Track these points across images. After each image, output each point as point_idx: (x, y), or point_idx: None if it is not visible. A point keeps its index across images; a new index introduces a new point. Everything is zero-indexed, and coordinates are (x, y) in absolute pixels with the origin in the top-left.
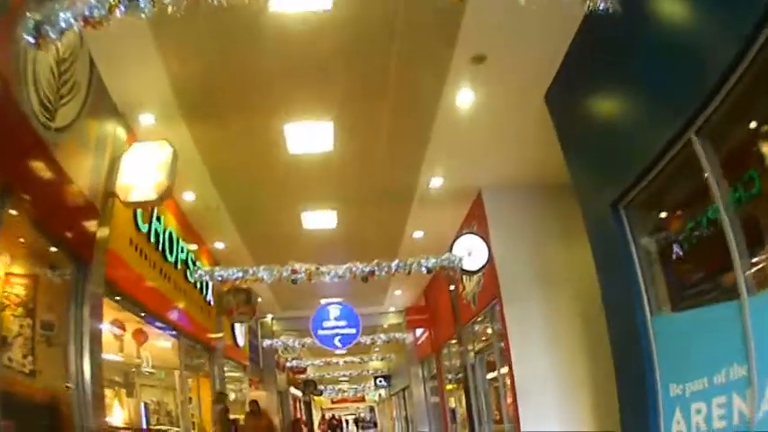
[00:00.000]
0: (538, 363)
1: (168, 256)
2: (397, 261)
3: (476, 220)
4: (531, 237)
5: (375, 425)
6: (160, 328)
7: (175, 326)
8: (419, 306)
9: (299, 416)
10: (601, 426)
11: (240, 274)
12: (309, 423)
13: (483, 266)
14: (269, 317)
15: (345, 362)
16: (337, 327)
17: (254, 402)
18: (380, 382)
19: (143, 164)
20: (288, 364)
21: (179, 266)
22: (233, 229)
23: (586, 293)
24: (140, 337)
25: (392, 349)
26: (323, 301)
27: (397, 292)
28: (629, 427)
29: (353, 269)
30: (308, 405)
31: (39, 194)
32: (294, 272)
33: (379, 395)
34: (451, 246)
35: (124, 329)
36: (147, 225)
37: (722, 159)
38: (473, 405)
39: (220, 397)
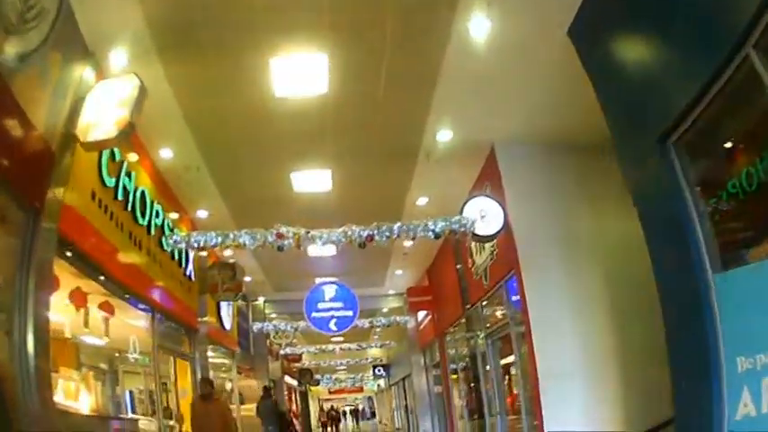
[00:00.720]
0: (563, 343)
1: (139, 218)
2: (399, 224)
3: (489, 182)
4: (551, 199)
5: (374, 415)
6: (129, 301)
7: (148, 300)
8: (422, 286)
9: (288, 406)
10: (638, 412)
11: (219, 240)
12: (306, 415)
13: (498, 232)
14: (260, 300)
15: (342, 349)
16: (333, 309)
17: (205, 382)
18: (379, 371)
19: (107, 101)
20: (281, 352)
21: (152, 232)
22: (216, 193)
23: (615, 262)
24: (107, 308)
25: (392, 336)
26: (317, 281)
27: (398, 272)
28: (684, 412)
29: (349, 233)
30: (303, 396)
31: None
32: (280, 236)
33: (378, 385)
34: (462, 209)
35: (85, 301)
36: (113, 179)
37: None
38: (483, 395)
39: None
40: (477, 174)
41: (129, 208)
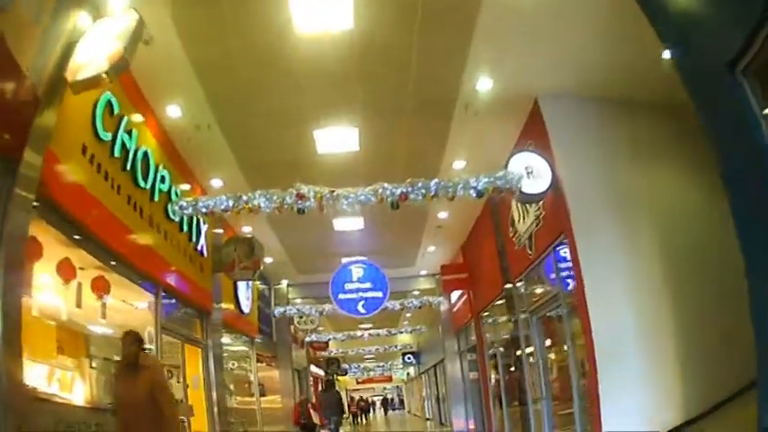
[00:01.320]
0: (619, 317)
1: (140, 180)
2: (436, 180)
3: (532, 140)
4: (603, 158)
5: (402, 405)
6: (127, 276)
7: (151, 277)
8: (456, 264)
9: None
10: (699, 390)
11: (231, 203)
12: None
13: (546, 190)
14: (284, 283)
15: (371, 335)
16: (361, 290)
17: (129, 339)
18: (409, 359)
19: (101, 39)
20: (307, 339)
21: (157, 198)
22: (230, 158)
23: (675, 226)
24: (101, 286)
25: (423, 319)
26: (344, 261)
27: (431, 249)
28: None
29: (380, 191)
30: (331, 385)
31: None
32: (300, 197)
33: (407, 374)
34: (506, 164)
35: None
36: (109, 134)
37: None
38: (525, 379)
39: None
40: (518, 132)
41: (129, 167)
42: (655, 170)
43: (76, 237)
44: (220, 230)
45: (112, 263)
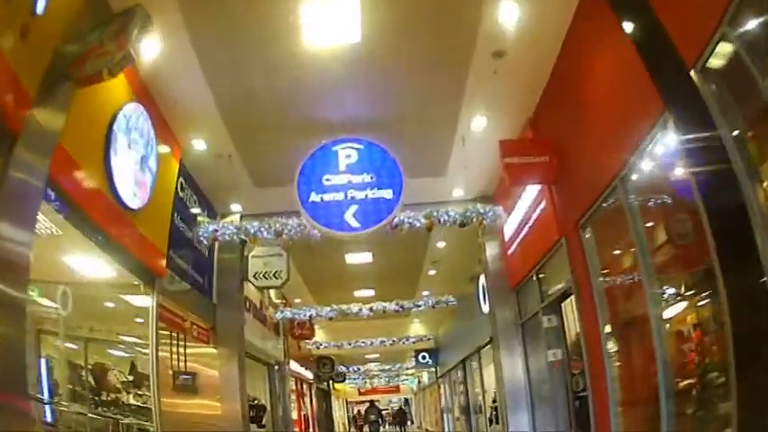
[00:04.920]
0: None
1: None
2: None
3: None
4: None
5: (404, 419)
6: None
7: None
8: (526, 140)
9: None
10: None
11: None
12: (327, 423)
13: None
14: (233, 210)
15: (373, 311)
16: (354, 186)
17: None
18: (423, 358)
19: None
20: (278, 315)
21: None
22: None
23: None
24: None
25: (451, 286)
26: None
27: (478, 123)
28: None
29: None
30: (324, 396)
31: None
32: None
33: (418, 381)
34: None
35: None
36: None
37: None
38: None
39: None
40: None
41: None
42: None
43: None
44: None
45: None
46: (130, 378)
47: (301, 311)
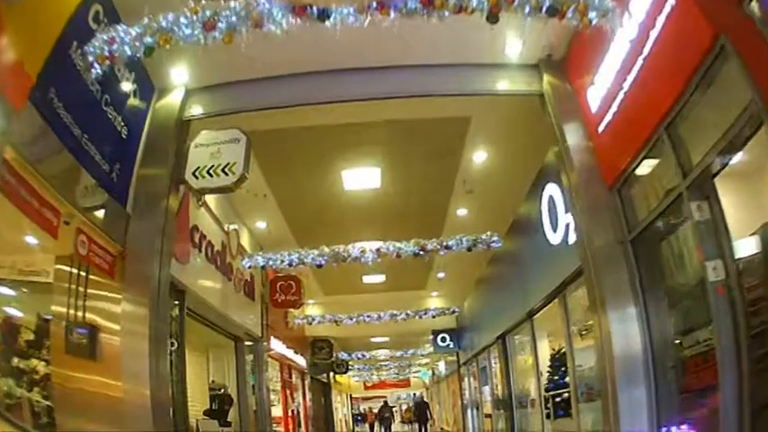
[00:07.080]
0: None
1: None
2: None
3: None
4: None
5: (426, 417)
6: None
7: None
8: None
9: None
10: None
11: None
12: (327, 422)
13: None
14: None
15: (379, 253)
16: None
17: None
18: (443, 341)
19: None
20: (244, 263)
21: None
22: None
23: None
24: None
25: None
26: None
27: None
28: None
29: None
30: (323, 390)
31: None
32: None
33: (432, 372)
34: None
35: None
36: None
37: None
38: None
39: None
40: None
41: None
42: None
43: None
44: None
45: None
46: None
47: (278, 256)
